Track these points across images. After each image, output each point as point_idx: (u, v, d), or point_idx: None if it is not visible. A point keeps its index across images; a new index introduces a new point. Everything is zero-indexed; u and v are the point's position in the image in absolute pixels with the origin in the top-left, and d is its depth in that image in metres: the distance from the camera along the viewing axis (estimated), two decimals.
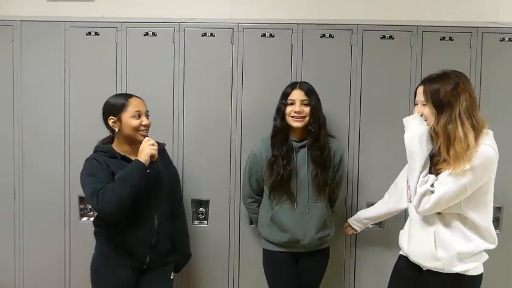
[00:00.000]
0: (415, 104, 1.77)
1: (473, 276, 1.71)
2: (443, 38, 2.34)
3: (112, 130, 1.98)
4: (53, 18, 2.44)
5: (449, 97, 1.62)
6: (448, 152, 1.61)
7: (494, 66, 2.34)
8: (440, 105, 1.63)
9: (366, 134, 2.37)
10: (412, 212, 1.81)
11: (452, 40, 2.34)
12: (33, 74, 2.43)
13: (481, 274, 1.74)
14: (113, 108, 1.95)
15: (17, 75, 2.43)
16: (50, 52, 2.41)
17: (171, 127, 2.38)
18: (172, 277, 2.09)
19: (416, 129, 1.67)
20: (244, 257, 2.43)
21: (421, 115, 1.70)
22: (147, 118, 1.99)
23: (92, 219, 2.43)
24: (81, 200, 2.45)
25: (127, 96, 2.00)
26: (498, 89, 2.35)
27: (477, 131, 1.63)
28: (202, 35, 2.38)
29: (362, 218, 2.24)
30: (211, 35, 2.38)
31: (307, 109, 2.07)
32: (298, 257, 2.13)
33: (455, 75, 1.68)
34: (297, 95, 2.07)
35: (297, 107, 2.05)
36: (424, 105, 1.69)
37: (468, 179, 1.59)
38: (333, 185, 2.19)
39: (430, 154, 1.68)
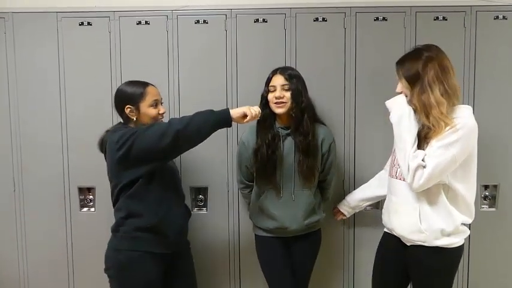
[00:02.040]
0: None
1: (455, 247, 1.79)
2: (437, 18, 2.34)
3: (126, 118, 1.95)
4: (44, 9, 2.41)
5: (418, 70, 1.74)
6: (428, 119, 1.71)
7: (488, 45, 2.34)
8: (412, 79, 1.75)
9: (362, 116, 2.38)
10: (395, 187, 1.88)
11: (446, 20, 2.34)
12: (27, 66, 2.42)
13: (462, 245, 1.83)
14: (130, 97, 1.91)
15: (11, 67, 2.42)
16: (43, 43, 2.41)
17: (166, 115, 2.37)
18: None
19: (404, 108, 1.77)
20: (244, 243, 2.46)
21: (401, 92, 1.82)
22: (162, 105, 1.99)
23: (92, 209, 2.47)
24: (81, 191, 2.47)
25: (144, 85, 1.95)
26: (493, 67, 2.35)
27: (451, 96, 1.72)
28: (195, 22, 2.37)
29: (351, 202, 2.27)
30: (205, 22, 2.37)
31: (288, 94, 2.02)
32: (289, 242, 2.13)
33: (425, 49, 1.79)
34: (277, 80, 2.05)
35: (277, 92, 2.02)
36: (401, 82, 1.82)
37: (456, 150, 1.67)
38: (323, 173, 2.17)
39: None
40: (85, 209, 2.48)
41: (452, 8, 2.33)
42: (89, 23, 2.39)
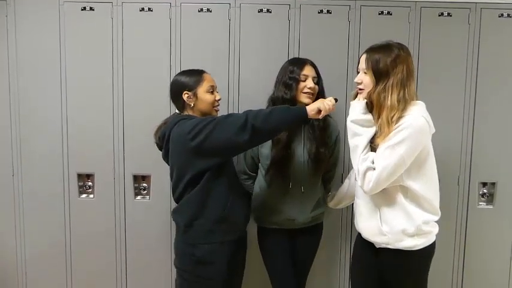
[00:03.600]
0: (357, 72, 1.82)
1: (421, 249, 1.74)
2: (442, 13, 2.33)
3: (183, 106, 1.97)
4: None
5: (388, 67, 1.68)
6: (377, 121, 1.70)
7: (492, 42, 2.34)
8: (379, 74, 1.69)
9: None
10: (358, 190, 1.85)
11: (451, 16, 2.33)
12: (28, 50, 2.40)
13: (433, 243, 1.78)
14: (188, 83, 1.95)
15: (12, 51, 2.40)
16: (45, 27, 2.38)
17: (168, 105, 2.36)
18: None
19: (363, 114, 1.73)
20: None
21: (361, 82, 1.76)
22: (218, 92, 2.02)
23: (91, 196, 2.47)
24: (80, 177, 2.46)
25: (200, 72, 2.00)
26: (496, 65, 2.35)
27: (407, 102, 1.67)
28: (199, 11, 2.35)
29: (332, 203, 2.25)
30: (208, 10, 2.36)
31: (316, 87, 2.07)
32: (292, 234, 2.13)
33: (397, 47, 1.73)
34: (309, 71, 2.06)
35: (311, 83, 2.04)
36: (365, 73, 1.75)
37: (404, 150, 1.62)
38: (329, 164, 2.18)
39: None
40: (84, 196, 2.48)
41: (457, 5, 2.32)
42: (91, 8, 2.36)
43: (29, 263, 2.53)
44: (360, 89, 1.78)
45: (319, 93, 2.09)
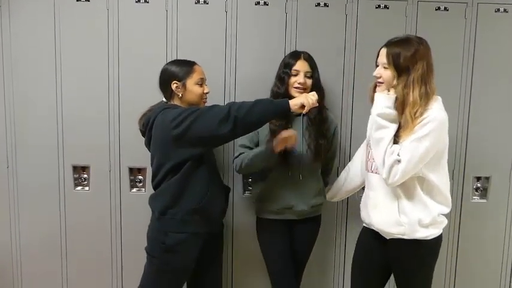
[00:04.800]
0: (376, 65, 1.81)
1: (433, 239, 1.79)
2: (439, 8, 2.33)
3: (170, 96, 1.99)
4: None
5: (408, 62, 1.69)
6: (401, 116, 1.71)
7: (488, 37, 2.35)
8: (400, 69, 1.70)
9: (359, 103, 2.38)
10: (373, 182, 1.86)
11: (448, 10, 2.33)
12: (22, 41, 2.37)
13: (440, 235, 1.83)
14: (177, 74, 1.96)
15: (6, 42, 2.37)
16: (40, 18, 2.35)
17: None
18: None
19: (390, 107, 1.73)
20: None
21: (380, 77, 1.77)
22: (207, 85, 2.03)
23: (86, 188, 2.46)
24: (75, 169, 2.45)
25: (191, 63, 2.01)
26: (492, 60, 2.36)
27: (429, 97, 1.70)
28: (195, 3, 2.34)
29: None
30: (205, 2, 2.34)
31: (309, 82, 2.08)
32: (291, 225, 2.16)
33: (417, 42, 1.74)
34: (302, 66, 2.08)
35: (301, 78, 2.06)
36: (385, 68, 1.75)
37: (429, 143, 1.66)
38: (327, 157, 2.21)
39: None
40: (79, 188, 2.47)
41: None
42: None
43: (24, 256, 2.52)
44: (379, 83, 1.79)
45: (314, 87, 2.09)
